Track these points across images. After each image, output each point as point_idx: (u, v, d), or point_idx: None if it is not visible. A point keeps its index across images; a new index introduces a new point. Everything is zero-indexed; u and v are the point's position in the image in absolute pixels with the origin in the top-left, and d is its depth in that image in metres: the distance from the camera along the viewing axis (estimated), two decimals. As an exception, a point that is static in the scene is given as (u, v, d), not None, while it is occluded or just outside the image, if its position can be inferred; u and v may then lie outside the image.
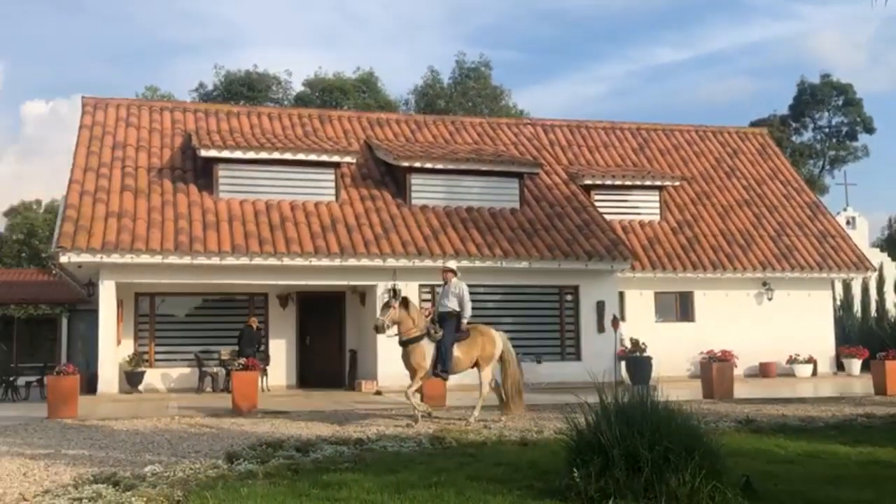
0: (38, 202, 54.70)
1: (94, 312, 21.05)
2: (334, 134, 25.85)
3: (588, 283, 22.48)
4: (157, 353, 21.74)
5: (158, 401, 18.49)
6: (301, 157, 22.24)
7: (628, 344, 22.42)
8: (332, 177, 22.58)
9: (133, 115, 24.84)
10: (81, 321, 26.24)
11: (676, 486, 6.71)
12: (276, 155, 22.07)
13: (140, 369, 20.79)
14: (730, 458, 8.30)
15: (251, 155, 21.98)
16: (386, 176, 23.70)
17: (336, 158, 22.60)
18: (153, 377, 21.28)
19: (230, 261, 19.90)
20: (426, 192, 22.98)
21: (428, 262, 20.91)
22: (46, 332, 28.81)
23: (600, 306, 22.39)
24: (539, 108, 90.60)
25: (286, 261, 20.16)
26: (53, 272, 28.94)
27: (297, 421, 14.10)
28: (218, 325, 21.94)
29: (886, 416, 13.46)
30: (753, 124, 47.22)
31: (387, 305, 13.95)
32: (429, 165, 23.07)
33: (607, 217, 24.20)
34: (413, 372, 13.83)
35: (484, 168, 23.49)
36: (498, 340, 14.42)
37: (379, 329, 13.75)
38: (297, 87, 51.22)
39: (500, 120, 30.90)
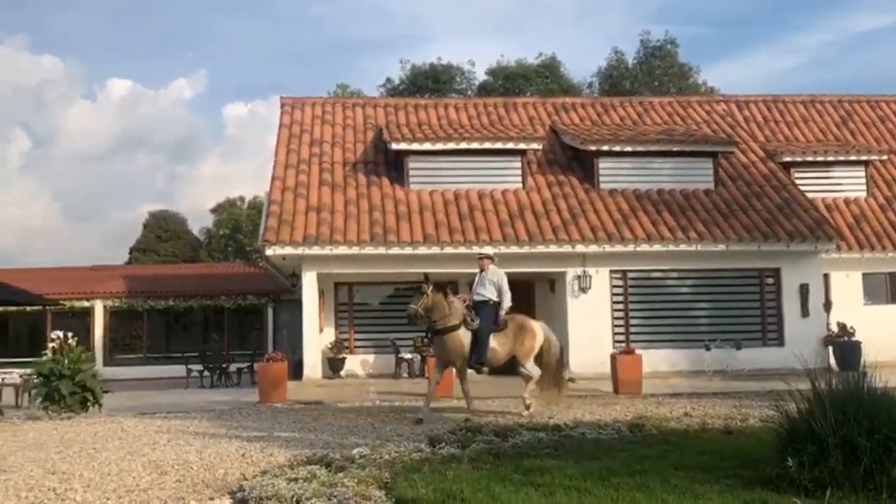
0: (242, 199, 58.06)
1: (298, 302, 22.08)
2: (519, 121, 25.92)
3: (790, 265, 21.41)
4: (356, 340, 22.56)
5: (359, 386, 19.18)
6: (487, 145, 22.43)
7: (835, 328, 21.24)
8: (519, 164, 22.63)
9: (328, 112, 25.87)
10: (285, 311, 27.57)
11: (899, 477, 6.31)
12: (463, 145, 22.36)
13: (341, 356, 21.65)
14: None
15: (439, 146, 22.37)
16: (573, 161, 23.51)
17: (522, 146, 22.63)
18: (353, 363, 22.09)
19: (422, 250, 20.34)
20: (615, 175, 22.62)
21: (618, 248, 20.60)
22: (253, 322, 30.47)
23: (804, 289, 21.29)
24: (730, 85, 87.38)
25: (475, 249, 20.34)
26: (260, 265, 30.61)
27: (492, 406, 14.26)
28: (410, 313, 22.44)
29: None
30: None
31: (420, 292, 12.78)
32: (617, 148, 22.69)
33: (809, 195, 22.94)
34: (450, 362, 13.16)
35: (675, 148, 22.85)
36: (539, 333, 13.26)
37: (411, 318, 12.72)
38: (481, 76, 51.70)
39: (691, 98, 29.95)
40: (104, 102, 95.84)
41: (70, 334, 15.36)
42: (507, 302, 12.89)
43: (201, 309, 30.28)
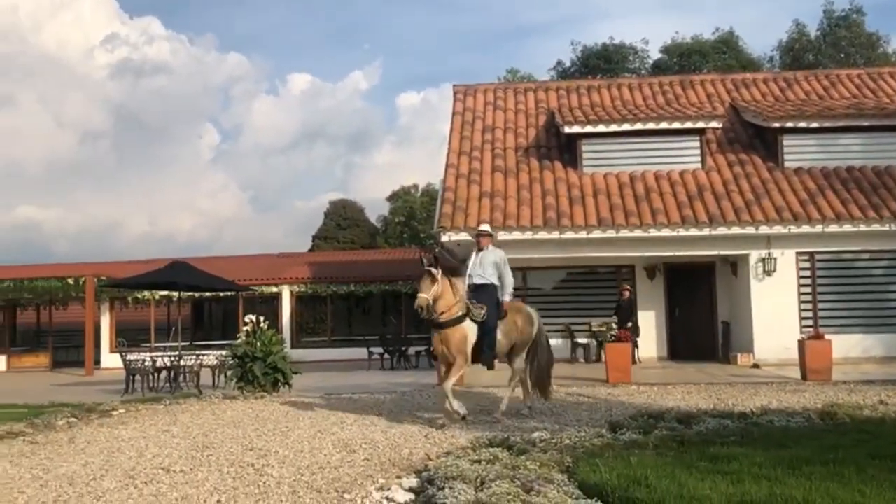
0: (416, 186, 59.35)
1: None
2: (697, 99, 25.18)
3: None
4: (530, 324, 22.59)
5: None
6: (664, 125, 21.91)
7: None
8: (697, 143, 21.99)
9: (499, 98, 26.00)
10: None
11: None
12: (638, 126, 21.94)
13: (516, 340, 21.76)
14: None
15: (613, 128, 22.04)
16: (754, 139, 22.64)
17: (701, 124, 21.97)
18: (528, 348, 22.11)
19: (596, 234, 20.11)
20: (800, 153, 21.63)
21: (805, 229, 19.69)
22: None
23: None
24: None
25: (652, 232, 19.98)
26: (435, 250, 31.19)
27: (674, 393, 14.01)
28: (585, 298, 22.34)
29: None
30: None
31: (430, 277, 10.61)
32: (802, 124, 21.65)
33: None
34: (451, 360, 10.85)
35: (865, 123, 21.57)
36: (535, 318, 11.93)
37: (423, 311, 10.60)
38: (654, 54, 50.54)
39: (882, 69, 28.11)
40: (286, 97, 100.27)
41: (262, 318, 16.18)
42: (509, 285, 11.49)
43: (380, 294, 31.21)
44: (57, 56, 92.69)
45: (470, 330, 10.85)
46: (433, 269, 10.56)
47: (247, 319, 16.15)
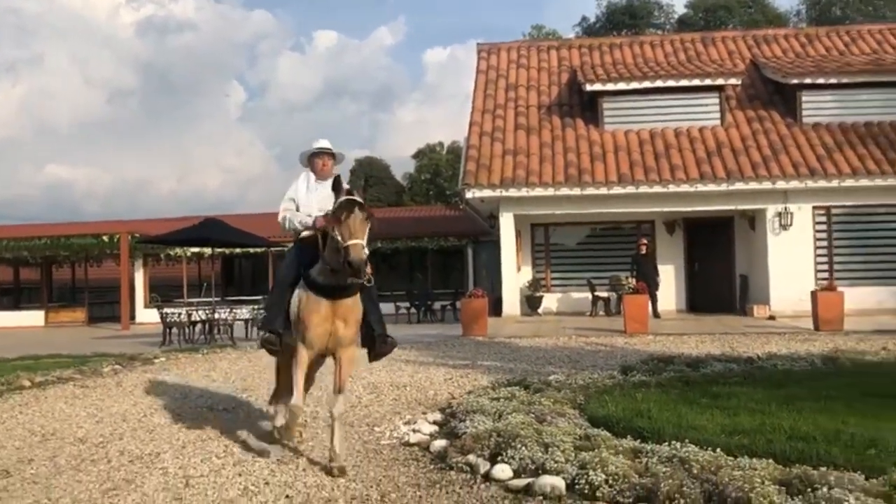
0: (441, 144, 59.76)
1: (496, 243, 22.95)
2: (718, 56, 25.41)
3: None
4: (552, 278, 23.22)
5: (555, 322, 19.86)
6: (684, 83, 22.22)
7: None
8: (717, 100, 22.30)
9: (523, 56, 26.36)
10: (484, 251, 28.54)
11: None
12: (658, 83, 22.27)
13: (538, 294, 22.39)
14: None
15: (634, 85, 22.40)
16: (774, 95, 22.90)
17: (720, 81, 22.26)
18: (550, 301, 22.77)
19: (617, 190, 20.58)
20: (818, 109, 21.90)
21: (822, 183, 20.05)
22: (454, 262, 31.73)
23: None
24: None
25: (671, 188, 20.41)
26: (460, 207, 31.75)
27: (689, 342, 14.57)
28: (606, 253, 22.86)
29: None
30: None
31: (364, 214, 6.20)
32: (821, 80, 21.89)
33: None
34: (341, 352, 6.58)
35: (884, 79, 21.77)
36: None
37: (362, 271, 6.03)
38: (680, 10, 50.42)
39: (904, 24, 28.14)
40: (311, 54, 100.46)
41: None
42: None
43: (406, 250, 31.82)
44: (83, 14, 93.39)
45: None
46: (354, 203, 6.15)
47: (277, 274, 16.77)
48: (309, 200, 7.00)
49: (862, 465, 5.20)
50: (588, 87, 22.61)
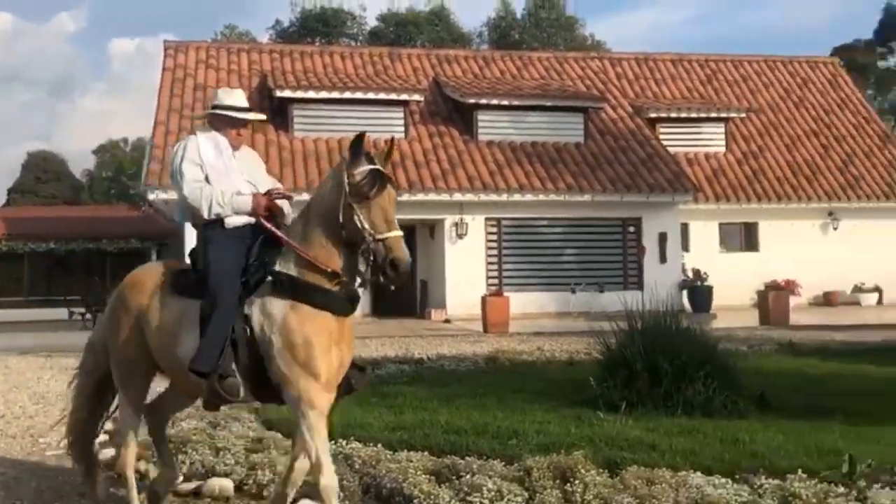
0: (125, 140, 57.06)
1: (183, 245, 22.42)
2: (404, 72, 26.61)
3: (651, 215, 22.98)
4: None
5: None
6: (371, 96, 23.08)
7: (690, 274, 22.96)
8: (402, 114, 23.38)
9: (212, 57, 25.96)
10: (171, 255, 27.79)
11: (692, 396, 7.55)
12: (347, 94, 22.96)
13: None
14: (759, 375, 9.12)
15: (324, 94, 22.92)
16: (454, 113, 24.41)
17: (405, 96, 23.37)
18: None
19: (306, 196, 20.83)
20: (493, 127, 23.65)
21: (493, 197, 21.74)
22: (137, 265, 30.56)
23: (662, 237, 22.93)
24: (618, 37, 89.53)
25: (358, 196, 21.07)
26: (143, 208, 30.63)
27: (370, 346, 15.19)
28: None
29: (931, 341, 13.87)
30: (837, 50, 46.22)
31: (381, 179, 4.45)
32: (495, 102, 23.70)
33: (672, 150, 24.51)
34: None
35: (549, 103, 24.00)
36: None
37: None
38: (372, 21, 51.82)
39: (568, 54, 31.13)
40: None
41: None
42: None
43: (84, 252, 30.11)
44: None
45: None
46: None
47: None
48: (227, 170, 4.89)
49: (503, 454, 5.87)
50: (278, 94, 22.80)
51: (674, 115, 26.03)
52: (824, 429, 6.77)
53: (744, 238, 25.85)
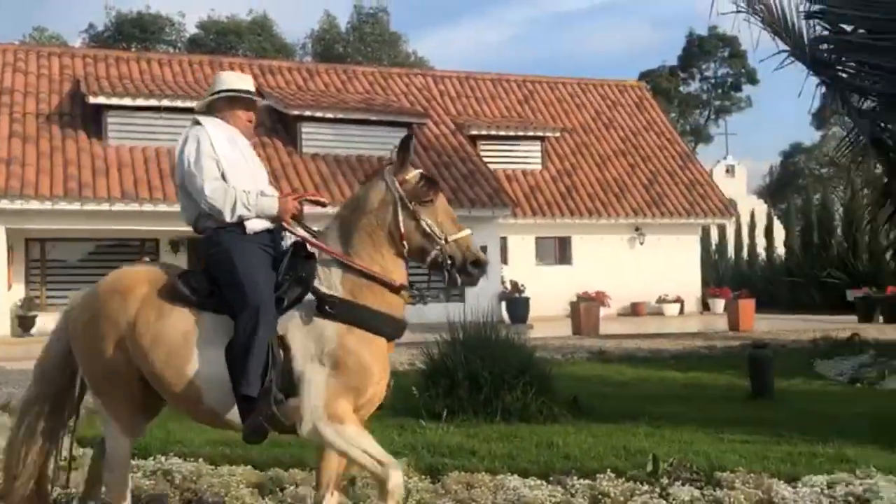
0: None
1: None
2: (226, 81, 26.13)
3: (471, 229, 23.44)
4: (48, 297, 21.92)
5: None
6: (189, 104, 22.45)
7: (508, 286, 23.72)
8: (226, 124, 22.93)
9: (20, 60, 24.54)
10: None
11: (510, 402, 7.89)
12: (165, 102, 22.26)
13: (32, 313, 21.01)
14: (572, 381, 9.63)
15: (140, 102, 22.19)
16: (277, 124, 24.17)
17: (227, 106, 22.92)
18: (46, 321, 21.47)
19: (119, 207, 20.23)
20: (317, 140, 23.59)
21: (317, 210, 21.65)
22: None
23: (483, 251, 23.45)
24: (440, 54, 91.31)
25: (176, 207, 20.43)
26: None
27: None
28: (111, 270, 22.20)
29: (725, 348, 15.06)
30: (643, 74, 49.09)
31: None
32: (319, 114, 23.67)
33: (492, 166, 25.26)
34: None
35: (374, 118, 24.16)
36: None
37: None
38: (192, 29, 50.59)
39: (392, 70, 31.55)
40: None
41: None
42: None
43: None
44: None
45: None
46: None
47: None
48: (245, 164, 4.46)
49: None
50: (92, 100, 21.89)
51: (493, 132, 26.88)
52: (631, 431, 7.26)
53: (558, 252, 27.02)
